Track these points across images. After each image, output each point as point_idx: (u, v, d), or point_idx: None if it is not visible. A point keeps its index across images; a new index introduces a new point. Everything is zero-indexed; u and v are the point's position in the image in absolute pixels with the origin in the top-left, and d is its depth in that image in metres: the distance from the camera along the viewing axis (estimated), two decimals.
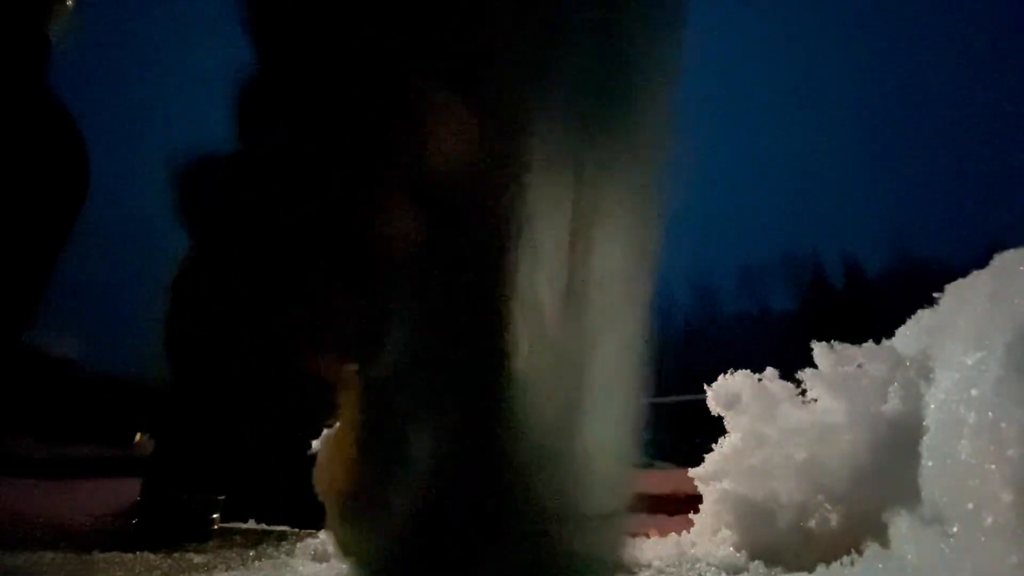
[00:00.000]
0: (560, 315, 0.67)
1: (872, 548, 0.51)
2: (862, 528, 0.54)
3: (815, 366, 0.65)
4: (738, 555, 0.56)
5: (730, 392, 0.72)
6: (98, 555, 0.55)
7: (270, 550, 0.59)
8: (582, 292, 0.65)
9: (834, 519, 0.56)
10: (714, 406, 0.74)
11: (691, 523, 0.69)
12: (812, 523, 0.57)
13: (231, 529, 0.79)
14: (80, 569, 0.51)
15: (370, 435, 0.64)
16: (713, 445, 0.70)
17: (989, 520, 0.39)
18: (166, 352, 0.99)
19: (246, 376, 0.97)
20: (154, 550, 0.57)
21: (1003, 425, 0.41)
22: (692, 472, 0.70)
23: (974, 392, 0.45)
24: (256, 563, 0.54)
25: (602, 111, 0.67)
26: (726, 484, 0.65)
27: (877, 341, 0.62)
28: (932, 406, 0.50)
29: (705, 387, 0.75)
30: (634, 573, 0.54)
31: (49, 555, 0.57)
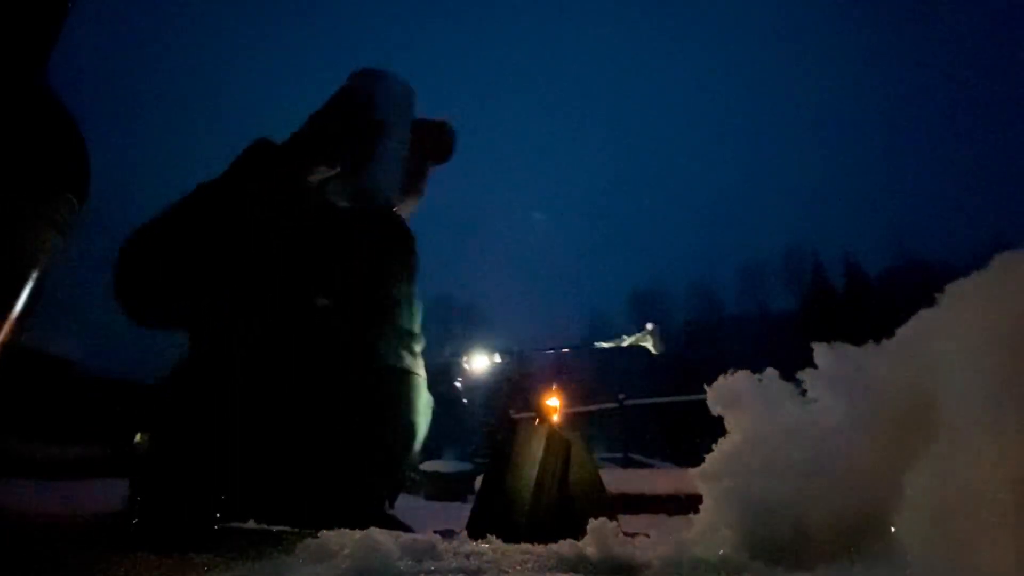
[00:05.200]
0: None
1: (872, 548, 0.51)
2: (862, 528, 0.54)
3: (815, 366, 0.65)
4: (738, 555, 0.56)
5: (730, 392, 0.72)
6: (98, 555, 0.55)
7: (270, 550, 0.59)
8: None
9: (834, 519, 0.56)
10: (714, 406, 0.74)
11: (691, 523, 0.69)
12: (812, 523, 0.56)
13: (231, 529, 0.79)
14: (80, 569, 0.51)
15: None
16: (713, 445, 0.70)
17: (989, 520, 0.39)
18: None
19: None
20: (154, 550, 0.57)
21: (1003, 425, 0.41)
22: (692, 472, 0.70)
23: (974, 392, 0.45)
24: (256, 563, 0.54)
25: None
26: (726, 484, 0.65)
27: (877, 341, 0.62)
28: (932, 406, 0.50)
29: (705, 387, 0.75)
30: (634, 573, 0.54)
31: (49, 555, 0.57)
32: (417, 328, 1.24)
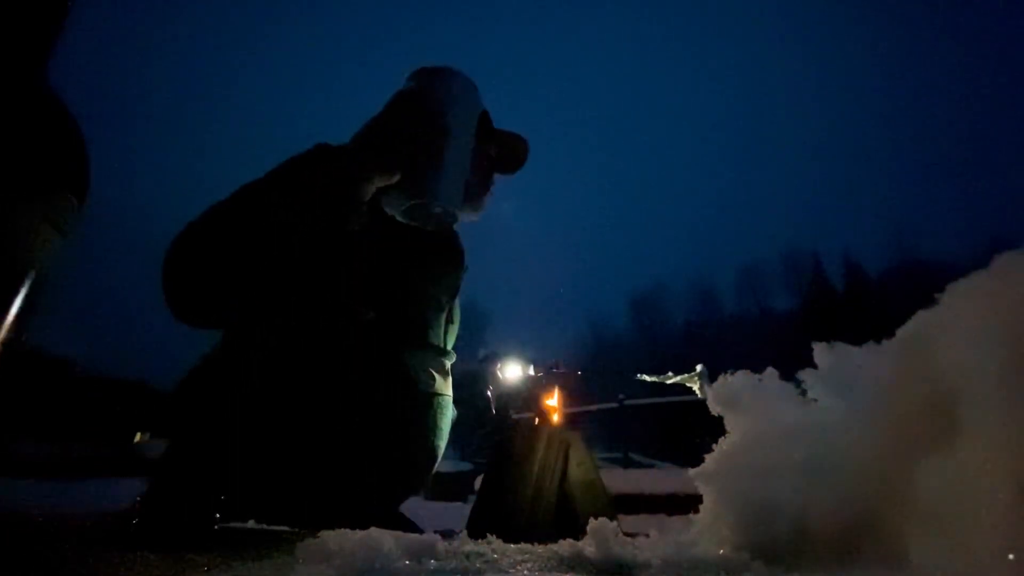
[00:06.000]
0: None
1: (872, 548, 0.51)
2: (862, 528, 0.54)
3: (815, 366, 0.65)
4: (738, 555, 0.56)
5: (730, 392, 0.72)
6: (98, 555, 0.55)
7: (270, 550, 0.59)
8: None
9: (834, 519, 0.56)
10: (714, 406, 0.74)
11: (691, 523, 0.69)
12: (812, 523, 0.57)
13: (231, 529, 0.79)
14: (80, 569, 0.51)
15: None
16: (713, 445, 0.70)
17: (989, 520, 0.39)
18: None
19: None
20: (154, 550, 0.57)
21: (1003, 425, 0.41)
22: (692, 472, 0.70)
23: (974, 392, 0.45)
24: (256, 563, 0.54)
25: None
26: (726, 484, 0.65)
27: (877, 341, 0.62)
28: (932, 406, 0.50)
29: (705, 387, 0.75)
30: (634, 573, 0.54)
31: (49, 555, 0.57)
32: (451, 345, 1.22)
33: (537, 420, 1.03)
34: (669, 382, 1.16)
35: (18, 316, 0.54)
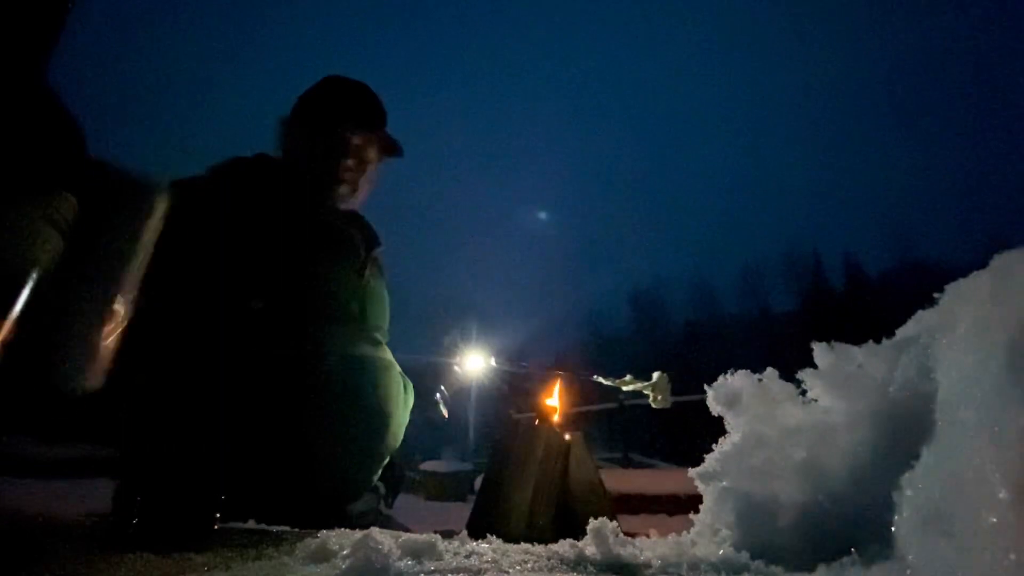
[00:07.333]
0: None
1: (872, 548, 0.51)
2: (862, 528, 0.54)
3: (815, 366, 0.65)
4: (738, 555, 0.56)
5: (730, 392, 0.72)
6: (98, 555, 0.55)
7: (270, 550, 0.59)
8: None
9: (834, 519, 0.56)
10: (714, 406, 0.74)
11: (691, 523, 0.69)
12: (812, 523, 0.57)
13: (231, 529, 0.79)
14: (80, 569, 0.51)
15: None
16: (713, 445, 0.70)
17: (989, 520, 0.39)
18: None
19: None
20: (154, 550, 0.57)
21: (1003, 425, 0.41)
22: (692, 472, 0.70)
23: (974, 392, 0.45)
24: (256, 563, 0.54)
25: None
26: (726, 484, 0.65)
27: (877, 341, 0.62)
28: (932, 406, 0.50)
29: (705, 387, 0.75)
30: (634, 573, 0.54)
31: (49, 555, 0.57)
32: (373, 319, 1.24)
33: (537, 420, 1.03)
34: (626, 388, 1.17)
35: (18, 316, 0.54)
